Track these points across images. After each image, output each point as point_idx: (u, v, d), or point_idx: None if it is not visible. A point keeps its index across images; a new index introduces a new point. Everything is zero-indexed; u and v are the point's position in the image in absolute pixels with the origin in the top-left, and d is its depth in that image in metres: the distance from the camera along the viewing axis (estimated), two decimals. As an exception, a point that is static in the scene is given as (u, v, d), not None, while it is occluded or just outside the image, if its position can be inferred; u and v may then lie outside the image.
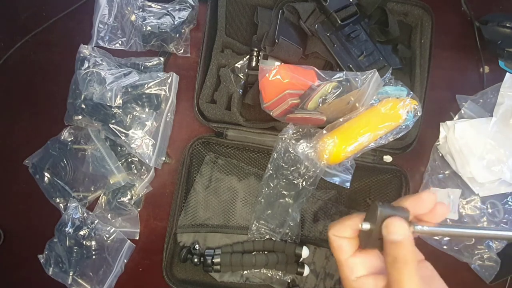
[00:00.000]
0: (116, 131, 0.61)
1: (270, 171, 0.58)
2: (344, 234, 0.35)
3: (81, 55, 0.63)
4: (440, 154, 0.65)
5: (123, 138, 0.61)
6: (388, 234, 0.31)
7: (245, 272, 0.60)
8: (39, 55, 0.68)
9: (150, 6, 0.65)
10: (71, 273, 0.60)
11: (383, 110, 0.55)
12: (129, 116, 0.61)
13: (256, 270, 0.59)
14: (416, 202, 0.34)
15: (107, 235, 0.61)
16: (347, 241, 0.35)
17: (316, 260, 0.60)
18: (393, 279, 0.31)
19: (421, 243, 0.62)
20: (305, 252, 0.58)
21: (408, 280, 0.30)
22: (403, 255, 0.31)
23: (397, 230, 0.31)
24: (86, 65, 0.63)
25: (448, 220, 0.62)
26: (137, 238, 0.63)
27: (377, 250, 0.35)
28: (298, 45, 0.58)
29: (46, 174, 0.63)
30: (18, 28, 0.69)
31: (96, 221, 0.61)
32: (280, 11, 0.59)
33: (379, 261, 0.35)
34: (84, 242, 0.61)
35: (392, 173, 0.62)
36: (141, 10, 0.65)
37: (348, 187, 0.59)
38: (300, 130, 0.57)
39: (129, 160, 0.63)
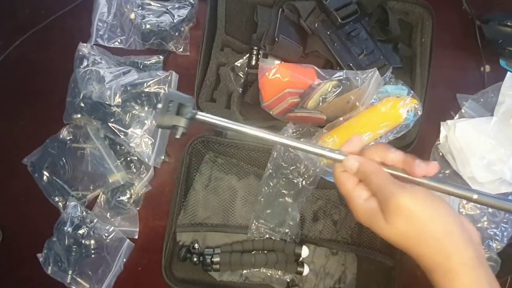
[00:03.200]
0: (115, 130, 0.60)
1: (270, 170, 0.58)
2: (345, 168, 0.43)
3: (80, 53, 0.63)
4: (441, 154, 0.64)
5: (122, 136, 0.61)
6: (350, 169, 0.41)
7: (245, 271, 0.59)
8: (38, 54, 0.68)
9: (150, 4, 0.65)
10: (70, 272, 0.60)
11: (383, 109, 0.54)
12: (128, 114, 0.61)
13: (255, 270, 0.59)
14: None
15: (106, 234, 0.61)
16: (351, 175, 0.42)
17: (315, 259, 0.60)
18: (371, 188, 0.40)
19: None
20: (304, 251, 0.58)
21: (380, 182, 0.39)
22: (365, 171, 0.40)
23: (352, 163, 0.41)
24: (85, 63, 0.62)
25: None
26: (136, 237, 0.63)
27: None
28: (298, 44, 0.58)
29: (45, 172, 0.63)
30: (17, 26, 0.68)
31: (95, 220, 0.61)
32: (280, 9, 0.59)
33: None
34: (83, 241, 0.61)
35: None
36: (140, 8, 0.65)
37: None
38: (300, 129, 0.57)
39: (128, 159, 0.63)
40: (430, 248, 0.36)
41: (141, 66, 0.65)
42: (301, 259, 0.58)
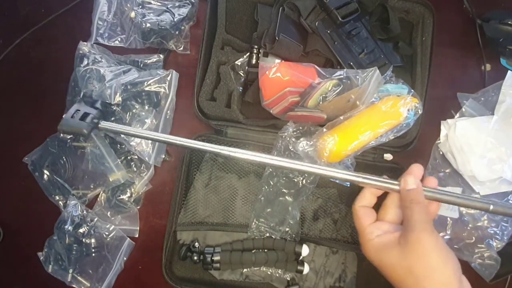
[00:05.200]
0: (116, 129, 0.60)
1: (270, 169, 0.58)
2: (366, 203, 0.48)
3: (80, 52, 0.63)
4: (441, 153, 0.64)
5: (122, 135, 0.60)
6: (406, 185, 0.45)
7: (245, 270, 0.60)
8: (38, 52, 0.68)
9: (150, 3, 0.65)
10: (70, 271, 0.60)
11: (383, 108, 0.54)
12: (128, 113, 0.61)
13: (255, 268, 0.59)
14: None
15: (107, 233, 0.61)
16: (370, 210, 0.48)
17: (315, 258, 0.60)
18: (408, 216, 0.43)
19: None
20: (305, 250, 0.58)
21: (419, 214, 0.42)
22: (417, 196, 0.44)
23: (410, 181, 0.45)
24: (85, 62, 0.62)
25: (448, 218, 0.62)
26: (137, 236, 0.63)
27: (389, 220, 0.47)
28: (298, 43, 0.58)
29: (45, 171, 0.63)
30: (17, 24, 0.68)
31: (95, 219, 0.61)
32: (281, 8, 0.59)
33: (390, 226, 0.46)
34: (83, 240, 0.61)
35: (393, 172, 0.62)
36: (140, 7, 0.65)
37: (348, 186, 0.59)
38: (300, 128, 0.57)
39: (129, 157, 0.63)
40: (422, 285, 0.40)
41: (142, 65, 0.65)
42: (301, 257, 0.59)
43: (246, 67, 0.62)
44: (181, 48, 0.67)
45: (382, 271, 0.44)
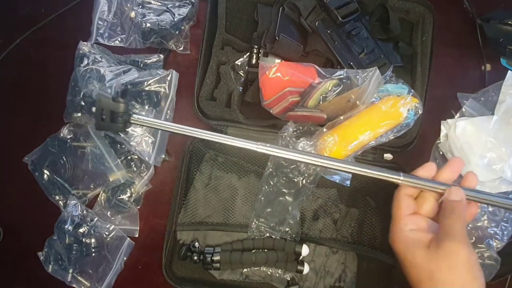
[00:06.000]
0: (116, 129, 0.60)
1: (270, 169, 0.58)
2: (411, 192, 0.47)
3: (81, 52, 0.63)
4: (441, 153, 0.64)
5: (122, 135, 0.60)
6: (450, 196, 0.44)
7: (245, 270, 0.59)
8: (38, 52, 0.68)
9: (150, 3, 0.65)
10: (70, 271, 0.60)
11: (383, 108, 0.54)
12: (128, 113, 0.61)
13: (255, 268, 0.59)
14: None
15: (107, 233, 0.61)
16: (412, 201, 0.46)
17: (316, 258, 0.60)
18: (445, 224, 0.42)
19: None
20: (305, 250, 0.58)
21: (459, 225, 0.41)
22: (460, 209, 0.43)
23: (456, 193, 0.44)
24: (85, 62, 0.62)
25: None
26: (137, 235, 0.63)
27: (425, 212, 0.46)
28: (298, 43, 0.58)
29: (45, 171, 0.63)
30: (17, 24, 0.68)
31: (95, 219, 0.61)
32: (281, 8, 0.59)
33: (426, 224, 0.45)
34: (83, 240, 0.61)
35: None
36: (140, 6, 0.65)
37: (348, 186, 0.59)
38: (300, 128, 0.57)
39: (129, 157, 0.63)
40: None
41: (142, 65, 0.65)
42: (301, 257, 0.58)
43: (246, 67, 0.62)
44: (181, 48, 0.67)
45: (403, 265, 0.44)
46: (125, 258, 0.62)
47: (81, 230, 0.61)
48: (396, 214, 0.46)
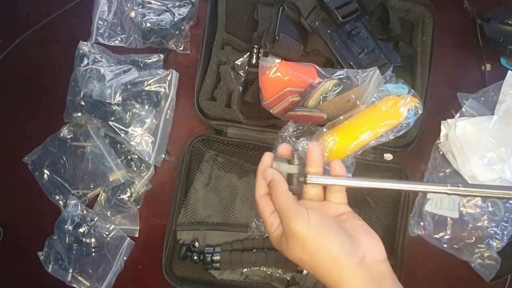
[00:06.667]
0: (116, 128, 0.60)
1: (270, 169, 0.58)
2: (264, 191, 0.44)
3: (81, 51, 0.63)
4: (441, 153, 0.64)
5: (122, 135, 0.60)
6: (265, 178, 0.43)
7: (245, 270, 0.59)
8: (38, 52, 0.68)
9: (150, 3, 0.65)
10: (70, 270, 0.60)
11: (383, 108, 0.54)
12: (128, 113, 0.61)
13: (255, 268, 0.59)
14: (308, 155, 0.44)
15: (107, 233, 0.61)
16: (268, 200, 0.43)
17: (316, 258, 0.60)
18: (273, 200, 0.41)
19: (422, 241, 0.62)
20: (305, 250, 0.58)
21: (280, 196, 0.40)
22: (272, 185, 0.41)
23: (267, 174, 0.43)
24: (85, 62, 0.62)
25: (448, 218, 0.62)
26: (137, 235, 0.63)
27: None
28: (298, 42, 0.57)
29: (45, 171, 0.63)
30: (17, 24, 0.68)
31: (95, 219, 0.61)
32: (281, 8, 0.59)
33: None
34: (83, 240, 0.61)
35: (393, 171, 0.62)
36: (140, 6, 0.64)
37: (348, 185, 0.59)
38: (300, 128, 0.57)
39: (129, 157, 0.63)
40: (322, 273, 0.37)
41: (142, 65, 0.65)
42: (301, 257, 0.58)
43: (246, 67, 0.62)
44: (181, 48, 0.66)
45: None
46: (125, 258, 0.62)
47: (81, 230, 0.61)
48: (263, 218, 0.43)
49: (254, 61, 0.60)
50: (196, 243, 0.59)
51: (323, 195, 0.44)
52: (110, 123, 0.60)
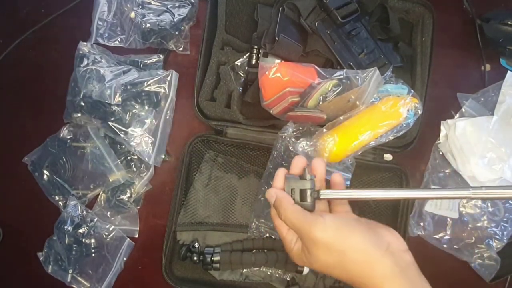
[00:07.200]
0: (116, 129, 0.60)
1: (270, 169, 0.58)
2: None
3: (80, 52, 0.63)
4: (441, 153, 0.64)
5: (122, 136, 0.60)
6: (270, 201, 0.43)
7: (245, 270, 0.59)
8: (38, 52, 0.68)
9: (150, 3, 0.65)
10: (70, 271, 0.60)
11: (383, 108, 0.54)
12: (128, 113, 0.61)
13: (255, 269, 0.59)
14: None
15: (107, 233, 0.61)
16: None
17: (315, 258, 0.60)
18: (283, 219, 0.41)
19: (421, 242, 0.62)
20: (304, 250, 0.58)
21: (295, 219, 0.40)
22: (277, 205, 0.41)
23: (269, 197, 0.43)
24: (85, 62, 0.62)
25: (448, 218, 0.62)
26: (137, 236, 0.63)
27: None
28: (298, 43, 0.57)
29: (45, 171, 0.63)
30: (17, 25, 0.68)
31: (95, 219, 0.61)
32: (281, 8, 0.59)
33: None
34: (83, 240, 0.61)
35: (393, 172, 0.62)
36: (140, 7, 0.64)
37: (348, 186, 0.59)
38: (300, 128, 0.57)
39: (129, 158, 0.63)
40: (354, 273, 0.37)
41: (141, 65, 0.65)
42: (301, 258, 0.58)
43: (246, 67, 0.62)
44: (181, 48, 0.66)
45: (334, 275, 0.41)
46: (125, 259, 0.62)
47: (81, 231, 0.61)
48: (281, 237, 0.43)
49: (254, 61, 0.60)
50: (196, 244, 0.59)
51: (328, 208, 0.45)
52: (110, 123, 0.60)
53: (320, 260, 0.38)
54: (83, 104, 0.61)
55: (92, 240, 0.61)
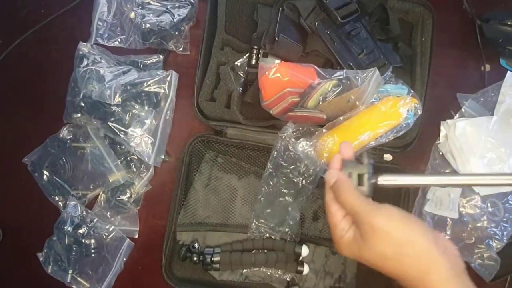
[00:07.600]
0: (115, 129, 0.60)
1: (270, 170, 0.58)
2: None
3: (80, 52, 0.63)
4: (441, 153, 0.64)
5: (122, 136, 0.60)
6: (329, 183, 0.43)
7: (245, 270, 0.59)
8: (38, 53, 0.68)
9: (150, 4, 0.65)
10: (70, 271, 0.60)
11: (383, 109, 0.54)
12: (128, 114, 0.61)
13: (255, 269, 0.59)
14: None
15: (106, 234, 0.61)
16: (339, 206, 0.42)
17: (315, 258, 0.60)
18: (349, 207, 0.40)
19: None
20: (304, 250, 0.58)
21: (353, 200, 0.40)
22: (338, 187, 0.41)
23: (330, 177, 0.43)
24: (85, 62, 0.62)
25: (448, 219, 0.62)
26: (136, 236, 0.63)
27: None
28: (298, 43, 0.58)
29: (45, 172, 0.63)
30: (17, 25, 0.68)
31: (95, 220, 0.61)
32: (280, 8, 0.59)
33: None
34: (83, 241, 0.61)
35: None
36: (140, 7, 0.65)
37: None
38: (300, 128, 0.57)
39: (128, 158, 0.63)
40: (410, 267, 0.37)
41: (141, 66, 0.65)
42: (301, 258, 0.58)
43: (246, 68, 0.62)
44: (181, 49, 0.67)
45: (376, 266, 0.40)
46: (124, 259, 0.62)
47: (80, 231, 0.61)
48: (332, 223, 0.43)
49: (253, 61, 0.60)
50: (196, 244, 0.59)
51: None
52: (110, 124, 0.60)
53: (375, 250, 0.38)
54: (83, 104, 0.61)
55: (92, 241, 0.61)
